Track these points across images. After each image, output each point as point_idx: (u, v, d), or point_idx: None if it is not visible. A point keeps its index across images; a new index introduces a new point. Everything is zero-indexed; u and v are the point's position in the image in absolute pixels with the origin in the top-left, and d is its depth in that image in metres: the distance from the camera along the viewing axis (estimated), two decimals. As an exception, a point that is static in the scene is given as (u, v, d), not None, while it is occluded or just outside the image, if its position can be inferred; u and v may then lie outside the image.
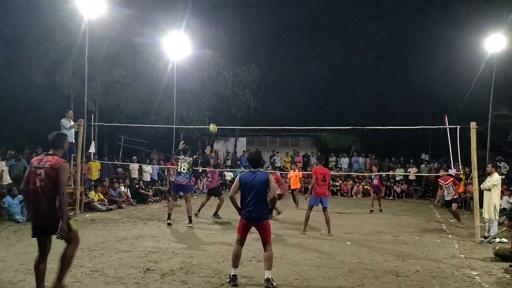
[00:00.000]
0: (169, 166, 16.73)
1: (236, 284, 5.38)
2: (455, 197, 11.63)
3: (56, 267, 4.73)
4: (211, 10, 25.01)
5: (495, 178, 9.33)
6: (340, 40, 32.12)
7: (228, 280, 5.46)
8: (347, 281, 5.76)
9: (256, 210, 5.47)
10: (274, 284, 5.32)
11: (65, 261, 4.72)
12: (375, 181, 14.38)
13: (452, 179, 11.62)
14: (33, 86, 18.30)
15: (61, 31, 16.66)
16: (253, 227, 5.60)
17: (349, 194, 20.15)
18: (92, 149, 13.90)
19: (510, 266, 6.62)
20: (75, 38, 15.76)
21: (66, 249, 4.75)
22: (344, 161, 23.23)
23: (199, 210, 11.66)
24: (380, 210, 13.98)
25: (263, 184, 5.50)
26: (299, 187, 15.93)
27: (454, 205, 11.49)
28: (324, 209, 9.42)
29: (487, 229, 9.38)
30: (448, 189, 11.62)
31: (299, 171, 16.49)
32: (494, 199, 9.21)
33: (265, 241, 5.51)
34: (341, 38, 32.14)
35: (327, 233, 9.33)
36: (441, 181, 11.98)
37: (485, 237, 9.13)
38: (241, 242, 5.63)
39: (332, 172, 21.06)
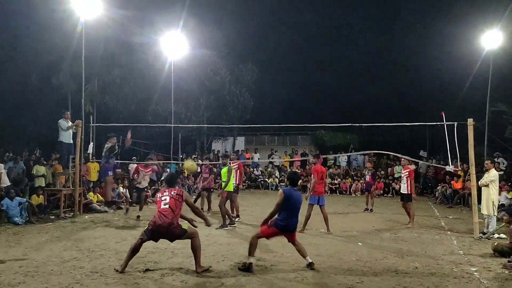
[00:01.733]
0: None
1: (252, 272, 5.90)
2: (409, 192, 10.67)
3: None
4: (208, 10, 24.98)
5: (493, 174, 9.36)
6: (337, 38, 32.13)
7: (244, 267, 6.03)
8: (346, 278, 5.78)
9: (294, 223, 6.29)
10: (314, 265, 6.13)
11: None
12: (367, 178, 14.39)
13: (409, 169, 10.90)
14: (29, 88, 18.28)
15: (58, 32, 16.65)
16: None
17: (347, 192, 20.17)
18: (90, 150, 13.90)
19: (509, 261, 6.64)
20: (72, 39, 15.74)
21: None
22: (343, 159, 23.26)
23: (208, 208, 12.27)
24: (371, 210, 13.39)
25: (300, 202, 6.36)
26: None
27: (408, 204, 10.77)
28: (321, 206, 9.46)
29: (486, 225, 9.42)
30: (403, 180, 10.94)
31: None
32: (492, 195, 9.24)
33: (294, 240, 6.36)
34: (338, 36, 32.14)
35: (326, 231, 9.34)
36: (403, 170, 11.27)
37: (484, 233, 9.16)
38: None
39: (330, 170, 21.15)
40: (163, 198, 6.02)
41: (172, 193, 6.05)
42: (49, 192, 12.18)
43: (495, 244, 7.54)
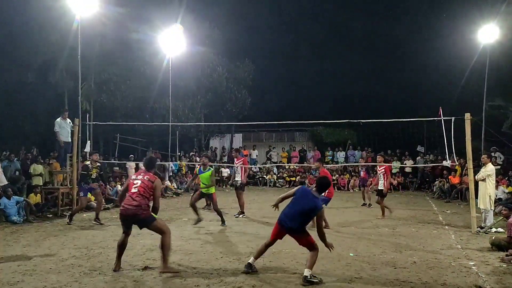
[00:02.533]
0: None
1: (248, 272, 5.69)
2: (383, 188, 10.91)
3: None
4: (205, 7, 24.83)
5: (490, 168, 9.39)
6: (334, 35, 32.05)
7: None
8: (345, 274, 5.80)
9: (286, 220, 5.66)
10: (313, 280, 5.34)
11: None
12: (362, 174, 14.50)
13: (385, 167, 11.10)
14: (26, 86, 18.18)
15: (53, 30, 16.55)
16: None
17: (345, 188, 20.21)
18: (88, 149, 13.84)
19: (507, 255, 6.67)
20: (68, 37, 15.64)
21: None
22: (341, 155, 23.28)
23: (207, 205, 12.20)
24: (369, 205, 13.53)
25: (311, 211, 5.57)
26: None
27: (380, 199, 10.94)
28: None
29: (483, 219, 9.45)
30: (379, 177, 11.11)
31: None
32: (489, 189, 9.27)
33: (305, 245, 5.78)
34: (335, 32, 32.07)
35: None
36: (378, 168, 11.47)
37: (481, 227, 9.19)
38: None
39: (328, 166, 21.17)
40: (135, 182, 5.81)
41: (145, 177, 5.81)
42: (46, 191, 12.16)
43: (493, 238, 7.58)
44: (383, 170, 11.02)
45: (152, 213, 5.76)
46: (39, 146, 17.62)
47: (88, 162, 10.44)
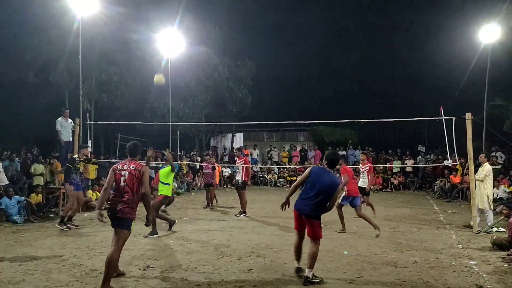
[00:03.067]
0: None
1: (300, 276, 5.50)
2: (369, 187, 10.82)
3: None
4: (204, 6, 24.84)
5: (487, 168, 9.41)
6: (336, 34, 32.04)
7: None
8: (346, 273, 5.79)
9: (305, 204, 5.47)
10: (314, 280, 5.31)
11: None
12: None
13: (369, 165, 11.02)
14: (27, 86, 18.21)
15: (54, 30, 16.59)
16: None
17: (346, 187, 20.16)
18: (89, 148, 13.83)
19: (508, 255, 6.67)
20: (68, 37, 15.70)
21: None
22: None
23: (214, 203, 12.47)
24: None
25: (330, 187, 5.40)
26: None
27: (366, 198, 10.76)
28: (355, 207, 9.03)
29: (476, 221, 9.29)
30: (363, 174, 10.87)
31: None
32: (486, 189, 9.27)
33: (311, 235, 5.54)
34: (336, 32, 32.05)
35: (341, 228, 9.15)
36: (360, 165, 11.25)
37: (480, 229, 9.15)
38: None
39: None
40: (122, 173, 5.28)
41: (131, 166, 5.29)
42: (47, 191, 12.17)
43: (494, 237, 7.57)
44: (367, 168, 10.81)
45: (132, 222, 5.30)
46: (40, 146, 17.64)
47: (76, 156, 10.24)
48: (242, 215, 11.04)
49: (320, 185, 5.40)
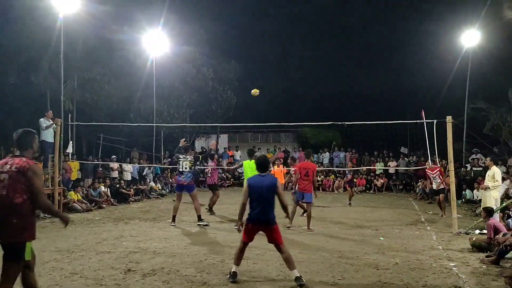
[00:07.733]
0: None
1: (235, 281, 5.44)
2: (442, 187, 11.75)
3: None
4: (189, 7, 24.77)
5: (497, 174, 9.41)
6: (319, 36, 32.34)
7: (228, 276, 5.54)
8: (328, 275, 5.82)
9: (262, 214, 5.56)
10: (304, 280, 5.33)
11: None
12: (349, 176, 15.51)
13: (438, 168, 11.93)
14: (7, 86, 17.84)
15: (36, 28, 16.27)
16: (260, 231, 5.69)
17: (330, 189, 20.32)
18: (70, 149, 13.65)
19: (486, 256, 6.79)
20: (50, 35, 15.41)
21: None
22: (325, 156, 23.40)
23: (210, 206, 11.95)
24: (349, 204, 14.21)
25: (271, 189, 5.58)
26: (283, 182, 15.94)
27: (441, 196, 11.69)
28: (307, 204, 9.58)
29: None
30: (435, 178, 11.90)
31: (283, 167, 16.47)
32: (495, 191, 9.38)
33: (278, 244, 5.59)
34: (320, 34, 32.34)
35: (306, 228, 9.36)
36: (428, 171, 12.27)
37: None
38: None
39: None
40: (1, 177, 3.91)
41: (13, 167, 3.88)
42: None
43: (473, 239, 7.70)
44: (437, 172, 11.86)
45: (27, 243, 3.90)
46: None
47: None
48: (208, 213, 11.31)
49: (262, 190, 5.56)
